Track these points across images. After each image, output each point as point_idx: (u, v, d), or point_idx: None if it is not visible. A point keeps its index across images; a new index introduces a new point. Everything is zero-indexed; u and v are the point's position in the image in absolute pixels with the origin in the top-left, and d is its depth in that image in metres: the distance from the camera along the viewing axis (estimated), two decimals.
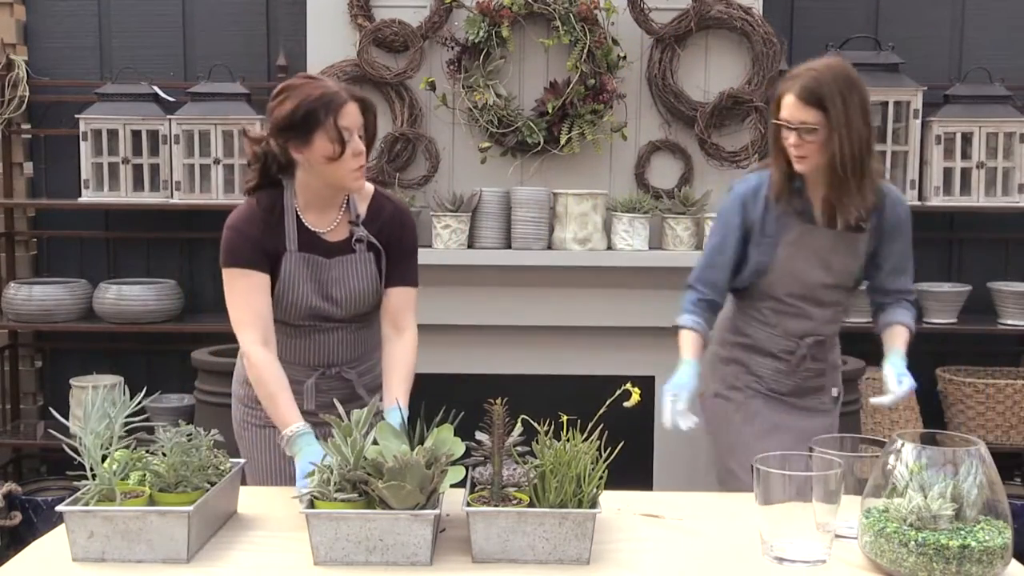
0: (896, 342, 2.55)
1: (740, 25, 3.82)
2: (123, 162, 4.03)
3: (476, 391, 3.97)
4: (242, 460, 2.05)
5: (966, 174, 4.02)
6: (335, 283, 2.32)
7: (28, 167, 4.31)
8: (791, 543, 1.80)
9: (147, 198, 4.05)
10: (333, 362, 2.41)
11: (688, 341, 2.54)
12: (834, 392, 2.70)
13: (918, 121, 3.96)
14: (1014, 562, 1.76)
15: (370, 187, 2.40)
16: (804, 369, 2.61)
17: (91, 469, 1.82)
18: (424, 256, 3.76)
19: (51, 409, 2.34)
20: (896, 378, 2.45)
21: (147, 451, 1.91)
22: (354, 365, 2.44)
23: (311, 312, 2.34)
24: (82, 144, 4.02)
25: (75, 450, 1.83)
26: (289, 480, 2.27)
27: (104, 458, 1.83)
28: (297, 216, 2.33)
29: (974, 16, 4.25)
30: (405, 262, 2.39)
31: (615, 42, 3.79)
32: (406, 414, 2.23)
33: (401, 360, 2.38)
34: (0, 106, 4.11)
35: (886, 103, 3.95)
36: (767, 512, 1.82)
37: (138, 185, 4.06)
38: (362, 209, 2.36)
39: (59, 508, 1.79)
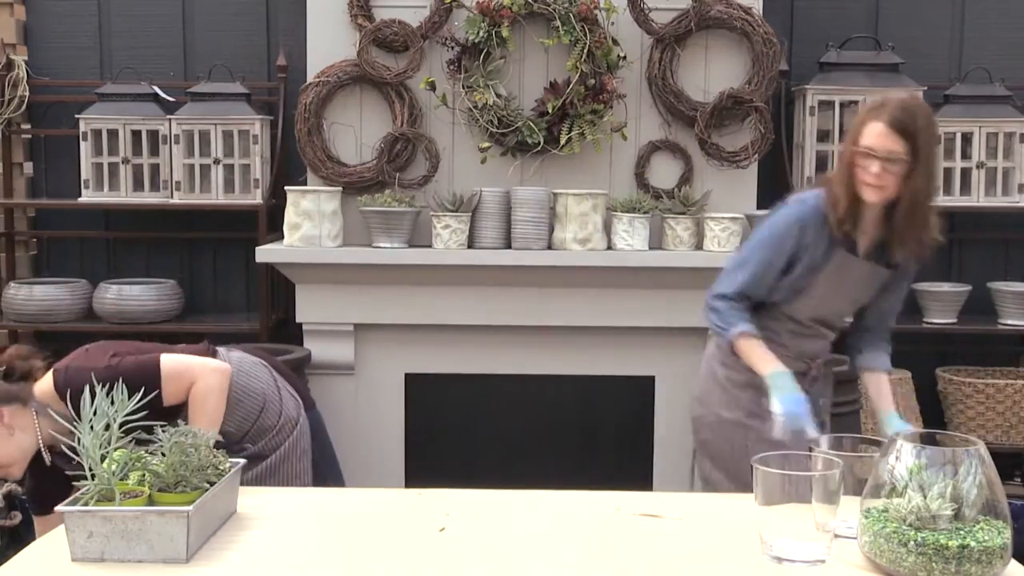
0: (886, 399, 2.63)
1: (740, 25, 3.82)
2: (123, 162, 4.03)
3: (476, 391, 4.01)
4: (241, 461, 2.06)
5: (966, 174, 4.02)
6: None
7: (28, 167, 4.31)
8: (791, 543, 1.80)
9: (147, 198, 4.06)
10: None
11: (763, 349, 2.54)
12: (822, 402, 2.74)
13: None
14: (1014, 562, 1.75)
15: (48, 390, 2.39)
16: (814, 390, 2.64)
17: (90, 469, 1.81)
18: (424, 256, 3.81)
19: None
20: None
21: (146, 451, 1.91)
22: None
23: None
24: (82, 144, 4.02)
25: (74, 450, 1.83)
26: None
27: (103, 458, 1.82)
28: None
29: (974, 16, 4.25)
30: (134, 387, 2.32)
31: (615, 42, 3.79)
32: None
33: (192, 416, 2.41)
34: (0, 106, 4.11)
35: None
36: (767, 512, 1.82)
37: (138, 185, 4.06)
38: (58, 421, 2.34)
39: (58, 508, 1.79)
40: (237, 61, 4.17)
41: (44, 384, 2.41)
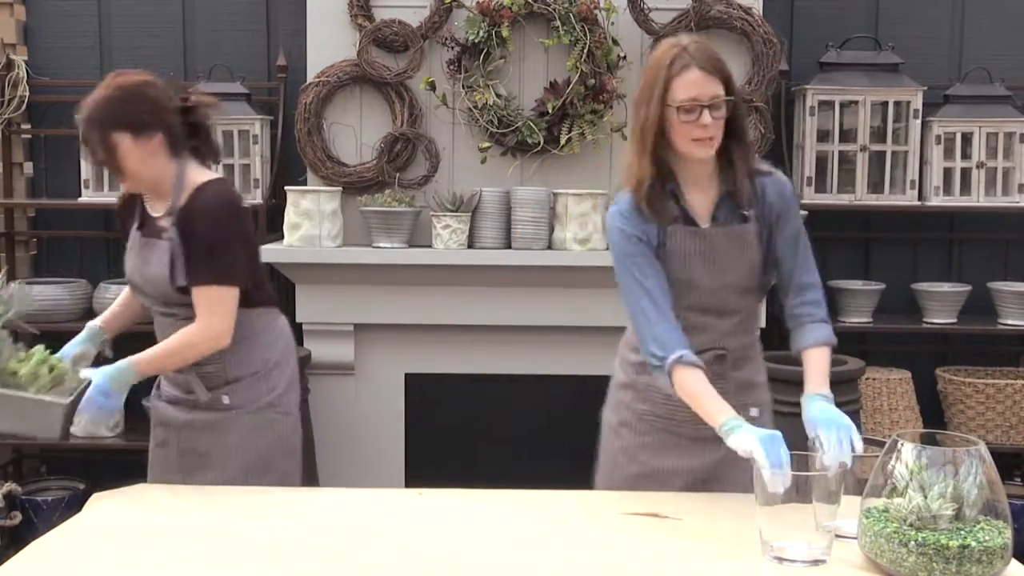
0: (814, 377, 2.22)
1: (740, 25, 3.82)
2: None
3: (476, 391, 4.00)
4: (85, 381, 2.28)
5: (966, 174, 4.02)
6: (144, 265, 2.49)
7: (28, 167, 4.31)
8: (791, 543, 1.80)
9: None
10: None
11: (710, 392, 2.14)
12: (753, 412, 2.33)
13: (918, 121, 3.96)
14: (1014, 562, 1.76)
15: (197, 181, 2.45)
16: (727, 383, 2.28)
17: None
18: (424, 256, 3.81)
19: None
20: (830, 439, 2.06)
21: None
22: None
23: (134, 287, 2.59)
24: (82, 144, 4.01)
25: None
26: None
27: None
28: (142, 199, 2.54)
29: (974, 16, 4.25)
30: (194, 261, 2.40)
31: (615, 42, 3.79)
32: (130, 377, 2.43)
33: (168, 340, 2.46)
34: (0, 106, 4.11)
35: (886, 103, 3.95)
36: (767, 512, 1.82)
37: None
38: (182, 200, 2.44)
39: None
40: (237, 61, 4.16)
41: (195, 174, 2.48)
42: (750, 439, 1.96)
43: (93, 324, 2.69)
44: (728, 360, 2.30)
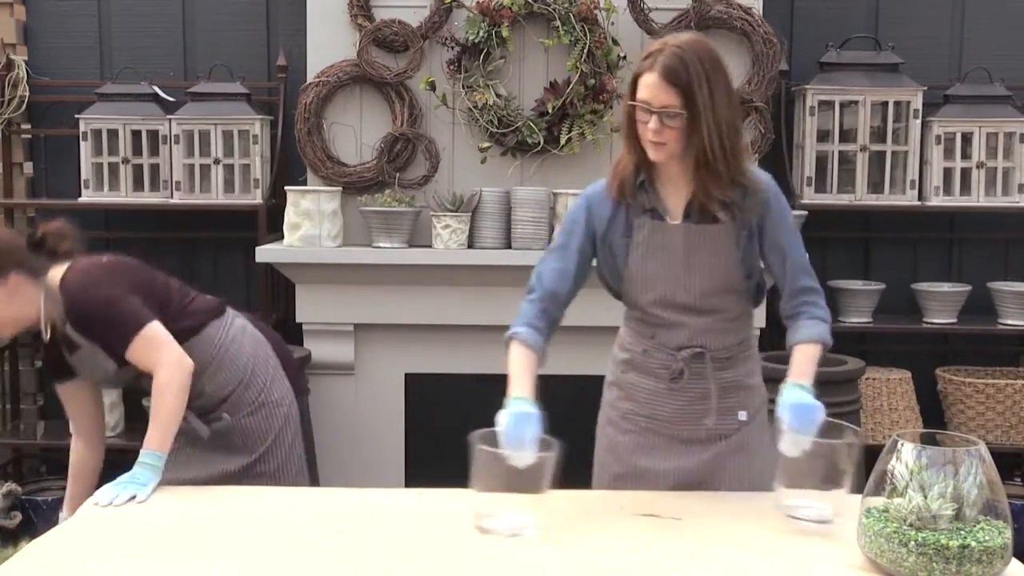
0: (796, 369, 2.17)
1: (740, 25, 3.82)
2: (123, 162, 4.03)
3: (476, 391, 4.00)
4: None
5: (966, 174, 4.02)
6: (89, 378, 2.54)
7: (28, 167, 4.31)
8: (804, 502, 1.92)
9: (147, 198, 4.05)
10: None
11: (522, 364, 2.22)
12: (741, 416, 2.30)
13: (918, 121, 3.96)
14: (1014, 562, 1.76)
15: (56, 283, 2.41)
16: (685, 389, 2.27)
17: None
18: (424, 256, 3.81)
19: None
20: (792, 418, 2.03)
21: None
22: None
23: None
24: (82, 144, 4.02)
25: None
26: None
27: None
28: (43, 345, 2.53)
29: (974, 16, 4.25)
30: (108, 334, 2.39)
31: (615, 42, 3.79)
32: (153, 460, 2.33)
33: (154, 407, 2.39)
34: (0, 106, 4.11)
35: (886, 103, 3.95)
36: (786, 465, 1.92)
37: (138, 185, 4.06)
38: (62, 307, 2.39)
39: None
40: (237, 61, 4.16)
41: (56, 274, 2.43)
42: (503, 415, 2.08)
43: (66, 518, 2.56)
44: (707, 359, 2.26)
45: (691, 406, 2.28)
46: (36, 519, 3.93)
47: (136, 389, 2.67)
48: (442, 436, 4.05)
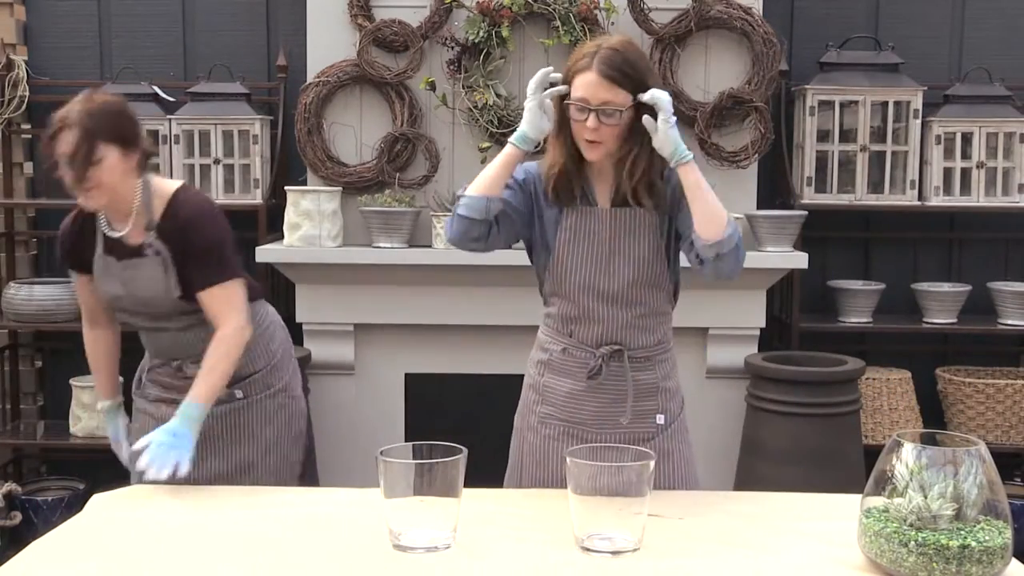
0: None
1: (740, 25, 3.82)
2: None
3: (476, 391, 4.00)
4: None
5: (966, 174, 4.02)
6: (128, 283, 2.47)
7: (28, 167, 4.31)
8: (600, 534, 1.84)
9: None
10: (174, 356, 2.56)
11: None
12: (659, 419, 2.30)
13: (918, 121, 3.96)
14: (1014, 562, 1.75)
15: (169, 190, 2.48)
16: (602, 388, 2.26)
17: None
18: (424, 256, 3.81)
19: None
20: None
21: None
22: (196, 360, 2.48)
23: (121, 309, 2.57)
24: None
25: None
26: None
27: None
28: (102, 220, 2.51)
29: (974, 16, 4.25)
30: (200, 266, 2.43)
31: None
32: (197, 412, 2.37)
33: (208, 358, 2.43)
34: (0, 106, 4.11)
35: (886, 103, 3.96)
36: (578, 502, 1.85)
37: None
38: (157, 213, 2.45)
39: None
40: (237, 61, 4.16)
41: (162, 184, 2.49)
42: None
43: (105, 404, 2.74)
44: (625, 357, 2.25)
45: (609, 408, 2.27)
46: (36, 519, 3.93)
47: (131, 334, 2.67)
48: (442, 436, 4.04)
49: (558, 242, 2.25)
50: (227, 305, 2.43)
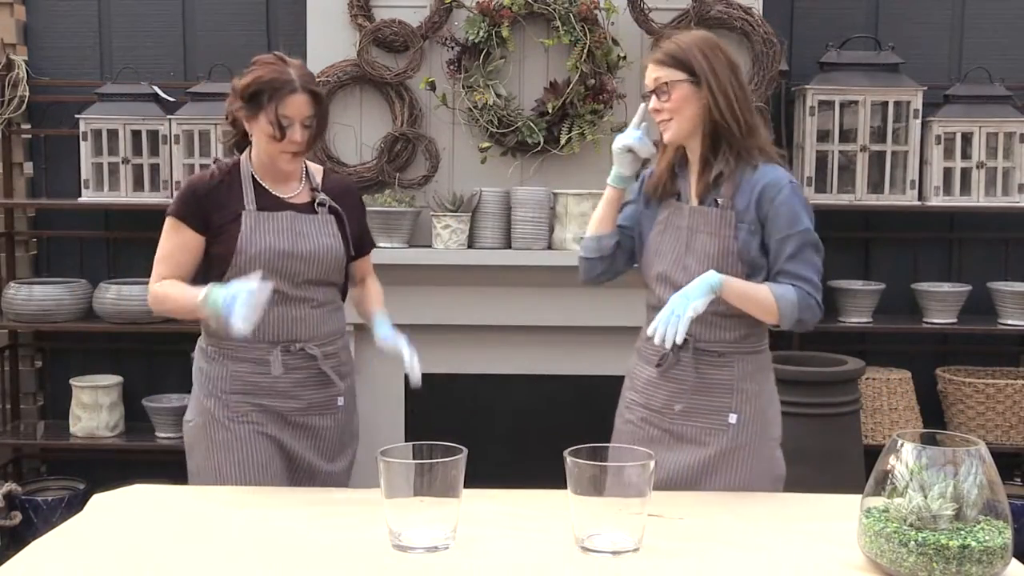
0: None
1: (740, 25, 3.82)
2: (123, 162, 4.03)
3: (476, 391, 4.00)
4: None
5: (966, 174, 4.02)
6: (302, 238, 2.46)
7: (28, 167, 4.31)
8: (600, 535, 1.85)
9: (147, 198, 4.05)
10: (296, 337, 2.48)
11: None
12: (732, 419, 2.30)
13: (918, 121, 3.96)
14: (1014, 562, 1.76)
15: (319, 166, 2.64)
16: (671, 378, 2.31)
17: None
18: (424, 256, 3.81)
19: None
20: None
21: None
22: (319, 343, 2.51)
23: (277, 266, 2.40)
24: (82, 144, 4.02)
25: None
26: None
27: None
28: (254, 178, 2.49)
29: (974, 16, 4.25)
30: (361, 229, 2.66)
31: (615, 42, 3.79)
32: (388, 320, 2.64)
33: (372, 290, 2.75)
34: (0, 106, 4.11)
35: (886, 103, 3.95)
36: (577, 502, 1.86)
37: (138, 185, 4.06)
38: (319, 179, 2.58)
39: None
40: (237, 61, 4.14)
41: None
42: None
43: (202, 293, 2.33)
44: (690, 349, 2.28)
45: (676, 398, 2.32)
46: (36, 519, 3.94)
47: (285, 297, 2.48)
48: (442, 436, 4.04)
49: (652, 233, 2.40)
50: (371, 265, 2.75)
